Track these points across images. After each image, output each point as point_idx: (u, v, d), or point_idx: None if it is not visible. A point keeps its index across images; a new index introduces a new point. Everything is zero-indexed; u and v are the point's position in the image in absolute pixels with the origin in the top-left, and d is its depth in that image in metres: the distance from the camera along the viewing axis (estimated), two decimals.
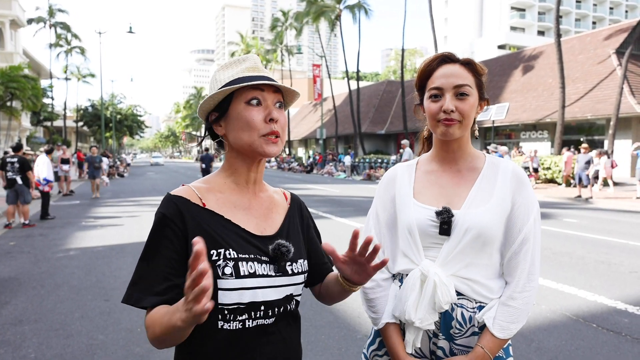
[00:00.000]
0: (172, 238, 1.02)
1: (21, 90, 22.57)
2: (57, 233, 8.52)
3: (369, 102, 40.24)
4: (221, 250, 1.03)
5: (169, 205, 1.05)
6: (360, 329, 3.77)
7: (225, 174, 1.16)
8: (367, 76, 79.94)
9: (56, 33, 42.60)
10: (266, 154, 1.09)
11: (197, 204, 1.07)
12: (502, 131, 26.44)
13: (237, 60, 1.14)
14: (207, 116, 1.15)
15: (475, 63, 1.33)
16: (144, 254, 1.04)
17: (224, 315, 1.02)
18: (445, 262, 1.28)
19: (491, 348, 1.25)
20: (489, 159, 1.38)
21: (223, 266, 1.01)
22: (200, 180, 1.17)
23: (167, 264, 1.01)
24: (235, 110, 1.08)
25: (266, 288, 1.05)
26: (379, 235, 1.44)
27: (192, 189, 1.10)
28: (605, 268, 5.71)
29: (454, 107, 1.27)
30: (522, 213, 1.28)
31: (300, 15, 37.68)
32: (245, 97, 1.07)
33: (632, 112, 19.13)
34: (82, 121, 49.28)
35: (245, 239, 1.08)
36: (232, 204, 1.12)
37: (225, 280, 1.01)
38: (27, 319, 4.11)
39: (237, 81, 1.08)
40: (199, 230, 1.02)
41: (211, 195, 1.11)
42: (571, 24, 62.70)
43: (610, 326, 3.84)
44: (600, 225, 9.09)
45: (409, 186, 1.40)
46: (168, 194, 1.08)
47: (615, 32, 23.94)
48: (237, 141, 1.09)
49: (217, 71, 1.14)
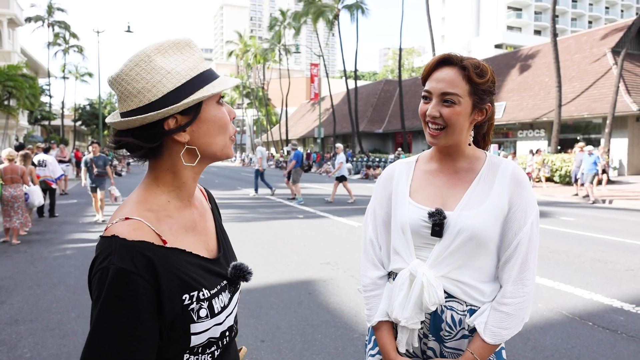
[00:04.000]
0: (148, 304, 0.80)
1: (19, 89, 22.51)
2: (54, 232, 8.49)
3: (367, 101, 40.25)
4: (194, 292, 0.88)
5: (133, 256, 0.80)
6: (357, 328, 3.78)
7: (166, 189, 0.94)
8: (365, 75, 80.00)
9: (54, 32, 42.46)
10: (232, 155, 1.01)
11: (159, 245, 0.86)
12: (499, 130, 26.48)
13: (177, 44, 0.91)
14: (156, 123, 0.88)
15: (471, 71, 1.25)
16: (106, 337, 0.78)
17: (195, 351, 0.90)
18: (436, 263, 1.27)
19: (481, 354, 1.23)
20: (489, 159, 1.36)
21: (197, 309, 0.87)
22: (137, 204, 0.91)
23: (148, 339, 0.81)
24: (209, 113, 0.92)
25: (230, 314, 0.97)
26: (376, 233, 1.45)
27: (144, 223, 0.86)
28: (602, 266, 5.73)
29: (437, 113, 1.26)
30: (520, 216, 1.27)
31: (299, 15, 37.64)
32: (216, 96, 0.93)
33: (628, 110, 19.19)
34: (80, 120, 49.20)
35: (207, 268, 0.94)
36: (183, 227, 0.94)
37: (200, 323, 0.88)
38: (23, 318, 4.10)
39: (205, 77, 0.91)
40: (169, 279, 0.84)
41: (163, 225, 0.90)
42: (567, 24, 62.84)
43: (606, 324, 3.85)
44: (597, 223, 9.11)
45: (406, 185, 1.39)
46: (120, 239, 0.81)
47: (611, 31, 23.99)
48: (209, 147, 0.93)
49: (156, 57, 0.87)
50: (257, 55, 52.03)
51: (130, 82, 0.86)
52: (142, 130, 0.88)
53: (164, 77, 0.86)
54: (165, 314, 0.83)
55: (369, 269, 1.44)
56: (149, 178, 0.95)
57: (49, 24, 41.86)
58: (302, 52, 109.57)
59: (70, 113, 50.42)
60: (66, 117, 48.02)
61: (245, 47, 54.12)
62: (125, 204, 0.92)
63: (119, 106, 0.91)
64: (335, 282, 5.11)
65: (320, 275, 5.37)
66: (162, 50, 0.88)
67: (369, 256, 1.45)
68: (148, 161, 0.95)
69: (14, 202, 7.58)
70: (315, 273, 5.48)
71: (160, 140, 0.90)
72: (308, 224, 9.27)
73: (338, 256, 6.36)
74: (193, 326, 0.87)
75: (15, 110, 24.46)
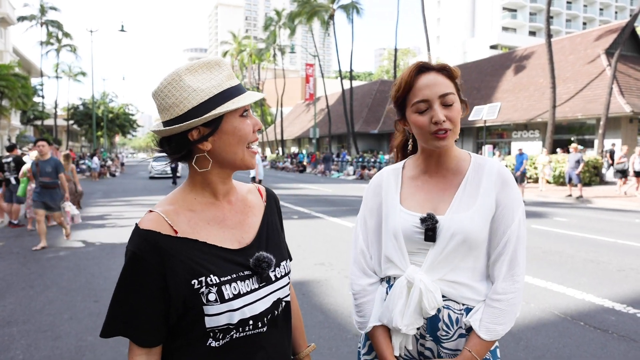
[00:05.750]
0: (147, 278, 0.98)
1: (11, 88, 22.34)
2: (47, 233, 8.43)
3: (362, 101, 40.29)
4: (202, 278, 0.99)
5: (140, 242, 0.99)
6: (351, 329, 3.78)
7: (195, 189, 1.10)
8: (360, 76, 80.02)
9: (47, 31, 42.19)
10: (251, 166, 1.09)
11: (168, 234, 1.00)
12: (494, 131, 26.60)
13: (207, 64, 1.05)
14: (183, 134, 1.03)
15: (450, 68, 1.31)
16: (119, 293, 1.01)
17: (215, 335, 1.01)
18: (432, 268, 1.28)
19: (478, 351, 1.24)
20: (474, 159, 1.37)
21: (206, 293, 0.99)
22: (166, 200, 1.09)
23: (148, 305, 0.99)
24: (230, 125, 1.03)
25: (253, 303, 1.04)
26: (367, 242, 1.44)
27: (161, 215, 1.03)
28: (594, 267, 5.77)
29: (444, 117, 1.25)
30: (507, 214, 1.28)
31: (294, 15, 37.63)
32: (239, 110, 1.04)
33: (622, 111, 19.33)
34: (73, 120, 48.91)
35: (224, 258, 1.05)
36: (205, 221, 1.07)
37: (210, 306, 0.99)
38: (16, 320, 4.08)
39: (228, 93, 1.03)
40: (175, 263, 0.99)
41: (181, 217, 1.05)
42: (562, 25, 63.23)
43: (598, 324, 3.88)
44: (590, 224, 9.18)
45: (395, 193, 1.40)
46: (137, 228, 1.01)
47: (605, 32, 24.16)
48: (229, 156, 1.05)
49: (186, 76, 1.01)
50: (252, 55, 51.97)
51: (164, 98, 1.02)
52: (173, 140, 1.04)
53: (189, 94, 1.00)
54: (171, 293, 0.98)
55: (360, 277, 1.43)
56: (187, 179, 1.12)
57: (42, 23, 41.59)
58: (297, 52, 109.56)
59: (63, 113, 50.09)
60: (59, 117, 47.73)
61: (240, 47, 54.01)
62: (162, 199, 1.10)
63: (160, 117, 1.07)
64: (329, 282, 5.12)
65: (315, 276, 5.37)
66: (192, 70, 1.02)
67: (360, 265, 1.44)
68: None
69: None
70: (310, 274, 5.48)
71: (185, 149, 1.04)
72: (303, 224, 9.27)
73: (332, 257, 6.37)
74: (205, 308, 0.99)
75: (8, 110, 24.31)
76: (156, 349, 1.03)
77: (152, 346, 1.01)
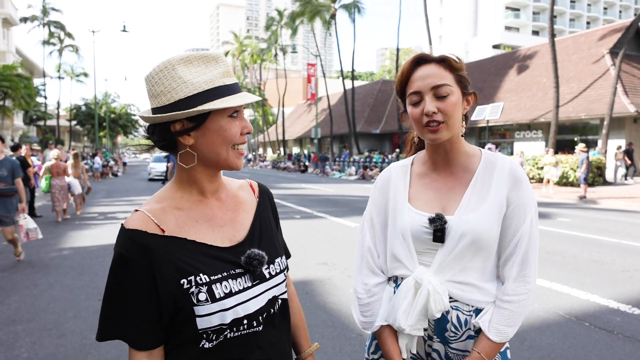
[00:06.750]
0: (136, 278, 0.96)
1: (14, 89, 22.41)
2: (50, 232, 8.47)
3: (364, 101, 40.27)
4: (191, 277, 0.97)
5: (126, 242, 0.97)
6: (354, 328, 3.78)
7: (182, 186, 1.07)
8: (362, 75, 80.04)
9: (50, 32, 42.29)
10: (236, 167, 1.06)
11: (154, 233, 0.98)
12: (496, 131, 26.54)
13: (204, 57, 1.01)
14: (166, 124, 1.00)
15: (450, 59, 1.26)
16: (108, 295, 0.98)
17: (208, 336, 0.99)
18: (440, 269, 1.26)
19: (488, 353, 1.22)
20: (485, 156, 1.32)
21: (197, 293, 0.96)
22: (153, 198, 1.06)
23: (139, 306, 0.97)
24: (217, 123, 1.00)
25: (246, 302, 1.01)
26: (374, 240, 1.41)
27: (147, 214, 1.00)
28: (598, 267, 5.75)
29: (435, 108, 1.22)
30: (518, 214, 1.25)
31: (296, 15, 37.62)
32: (229, 109, 1.00)
33: (626, 111, 19.26)
34: (76, 120, 49.00)
35: (214, 256, 1.02)
36: (194, 219, 1.04)
37: (201, 306, 0.96)
38: (20, 318, 4.09)
39: (219, 91, 0.99)
40: (163, 263, 0.96)
41: (169, 216, 1.02)
42: (565, 24, 63.01)
43: (603, 325, 3.87)
44: (593, 224, 9.15)
45: (403, 191, 1.37)
46: (123, 228, 0.99)
47: (609, 32, 24.08)
48: (211, 154, 1.02)
49: (179, 66, 0.98)
50: (254, 55, 51.98)
51: (154, 85, 0.99)
52: (157, 128, 1.02)
53: (179, 85, 0.97)
54: (161, 293, 0.96)
55: (368, 277, 1.40)
56: (174, 176, 1.09)
57: (44, 24, 41.68)
58: (299, 52, 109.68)
59: (65, 113, 50.20)
60: (61, 118, 47.81)
61: (241, 47, 54.03)
62: (150, 198, 1.07)
63: (149, 103, 1.04)
64: (332, 282, 5.11)
65: (317, 276, 5.37)
66: (187, 61, 0.99)
67: (368, 264, 1.41)
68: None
69: (61, 190, 9.85)
70: (312, 273, 5.48)
71: (166, 140, 1.02)
72: (305, 224, 9.27)
73: (335, 256, 6.37)
74: (196, 309, 0.96)
75: (11, 110, 24.35)
76: (157, 351, 1.00)
77: (150, 348, 0.99)
